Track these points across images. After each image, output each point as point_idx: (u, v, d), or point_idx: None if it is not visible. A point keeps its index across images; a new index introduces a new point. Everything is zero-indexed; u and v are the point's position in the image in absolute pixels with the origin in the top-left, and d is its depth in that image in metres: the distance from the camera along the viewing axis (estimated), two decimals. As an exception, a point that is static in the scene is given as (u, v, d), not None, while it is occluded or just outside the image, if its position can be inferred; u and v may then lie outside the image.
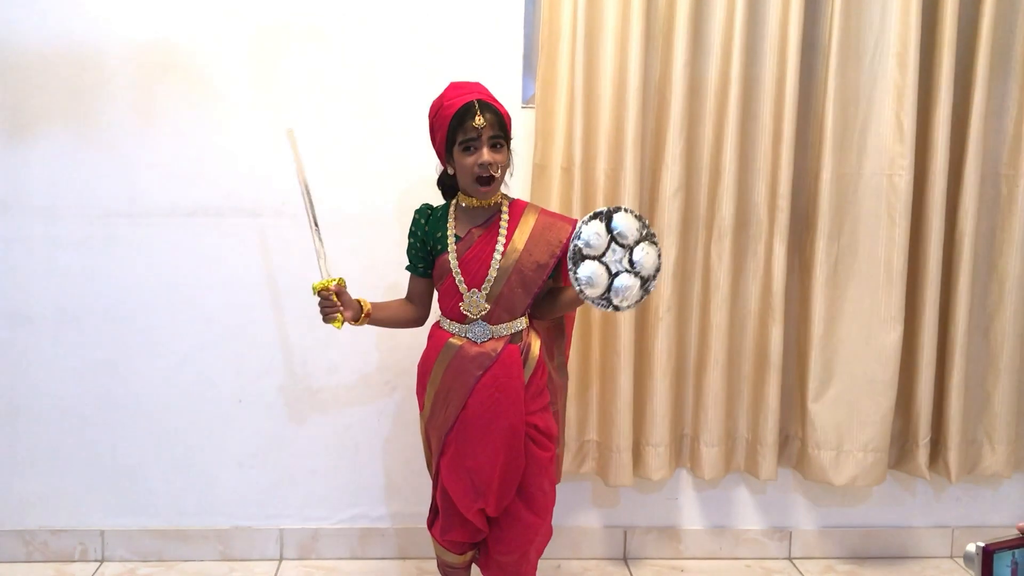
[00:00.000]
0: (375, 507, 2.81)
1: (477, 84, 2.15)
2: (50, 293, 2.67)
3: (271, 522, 2.80)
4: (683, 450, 2.79)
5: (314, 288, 2.15)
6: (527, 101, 2.68)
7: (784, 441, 2.79)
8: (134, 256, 2.66)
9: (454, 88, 2.14)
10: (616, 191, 2.57)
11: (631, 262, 2.02)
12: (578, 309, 2.51)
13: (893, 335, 2.65)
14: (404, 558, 2.81)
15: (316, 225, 2.20)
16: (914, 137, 2.57)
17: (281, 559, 2.81)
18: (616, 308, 2.03)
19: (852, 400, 2.68)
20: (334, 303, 2.15)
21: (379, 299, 2.30)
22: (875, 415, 2.67)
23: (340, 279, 2.18)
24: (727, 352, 2.67)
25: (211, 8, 2.58)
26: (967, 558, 1.25)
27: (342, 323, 2.17)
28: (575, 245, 1.99)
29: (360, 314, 2.19)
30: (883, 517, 2.91)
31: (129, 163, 2.63)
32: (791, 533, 2.90)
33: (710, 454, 2.71)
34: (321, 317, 2.17)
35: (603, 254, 2.01)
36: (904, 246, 2.61)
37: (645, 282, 2.05)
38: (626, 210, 2.03)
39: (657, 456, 2.69)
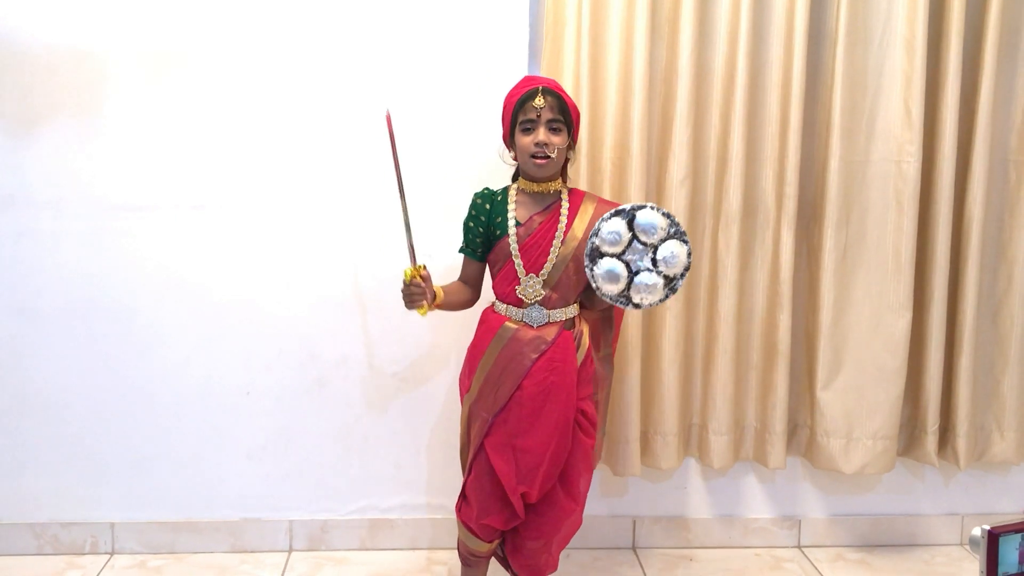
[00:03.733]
0: (384, 498, 2.81)
1: (551, 79, 2.24)
2: (57, 287, 2.67)
3: (280, 514, 2.80)
4: (692, 439, 2.78)
5: (406, 274, 2.14)
6: (533, 91, 2.68)
7: (793, 429, 2.79)
8: (140, 250, 2.66)
9: (526, 80, 2.22)
10: (623, 179, 2.56)
11: (654, 260, 2.01)
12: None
13: (902, 322, 2.64)
14: (414, 549, 2.81)
15: (406, 211, 2.15)
16: (922, 123, 2.56)
17: (291, 550, 2.81)
18: (637, 306, 2.03)
19: (861, 388, 2.68)
20: (424, 290, 2.15)
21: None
22: (884, 403, 2.67)
23: (424, 265, 2.17)
24: (735, 341, 2.67)
25: (212, 8, 2.58)
26: (972, 542, 1.25)
27: (426, 310, 2.16)
28: (592, 242, 2.00)
29: (434, 301, 2.19)
30: (892, 505, 2.91)
31: (135, 157, 2.63)
32: (800, 521, 2.90)
33: (719, 443, 2.71)
34: (405, 303, 2.17)
35: (623, 252, 2.00)
36: (912, 233, 2.60)
37: (670, 281, 2.04)
38: (652, 207, 2.02)
39: (666, 445, 2.69)
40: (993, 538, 1.21)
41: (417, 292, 2.14)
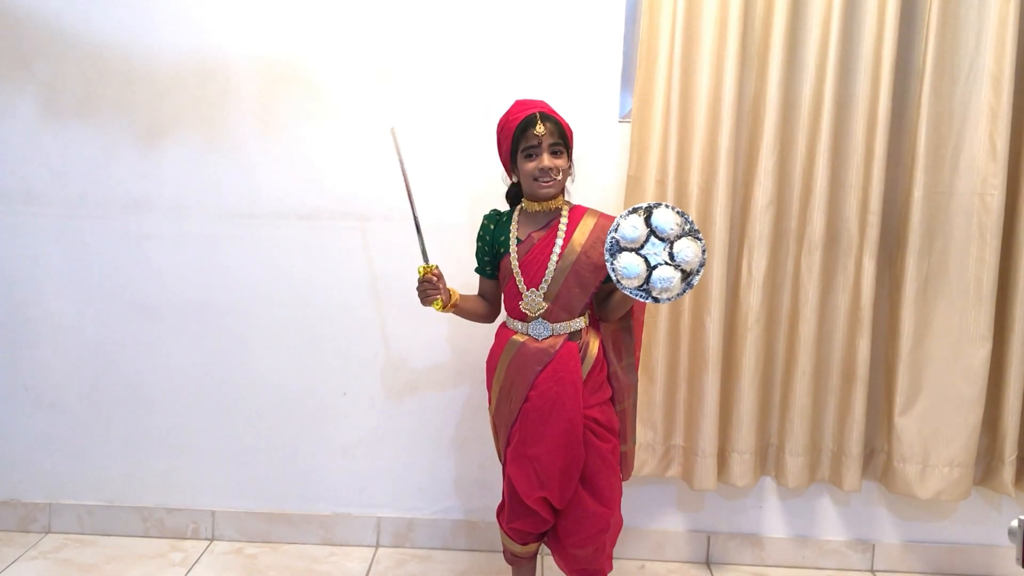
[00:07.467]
0: (469, 500, 2.94)
1: (541, 101, 2.31)
2: (175, 287, 2.87)
3: (369, 510, 2.95)
4: (768, 458, 2.85)
5: (419, 271, 2.31)
6: (624, 116, 2.79)
7: (869, 454, 2.83)
8: (253, 254, 2.85)
9: (519, 105, 2.31)
10: (708, 204, 2.65)
11: (671, 255, 2.10)
12: (663, 313, 2.64)
13: (981, 352, 2.67)
14: (495, 551, 2.92)
15: (416, 215, 2.34)
16: (1007, 157, 2.60)
17: (378, 546, 2.95)
18: (656, 300, 2.11)
19: (939, 415, 2.71)
20: (436, 285, 2.31)
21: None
22: (961, 431, 2.69)
23: (436, 266, 2.34)
24: (814, 363, 2.73)
25: (328, 27, 2.76)
26: (1011, 533, 1.31)
27: (441, 306, 2.32)
28: (612, 237, 2.10)
29: (449, 301, 2.35)
30: (967, 533, 2.92)
31: (250, 168, 2.82)
32: (874, 546, 2.92)
33: (795, 463, 2.77)
34: (420, 299, 2.33)
35: (641, 246, 2.10)
36: (994, 265, 2.63)
37: (687, 276, 2.12)
38: (667, 206, 2.12)
39: (742, 463, 2.75)
40: None
41: (430, 288, 2.31)
